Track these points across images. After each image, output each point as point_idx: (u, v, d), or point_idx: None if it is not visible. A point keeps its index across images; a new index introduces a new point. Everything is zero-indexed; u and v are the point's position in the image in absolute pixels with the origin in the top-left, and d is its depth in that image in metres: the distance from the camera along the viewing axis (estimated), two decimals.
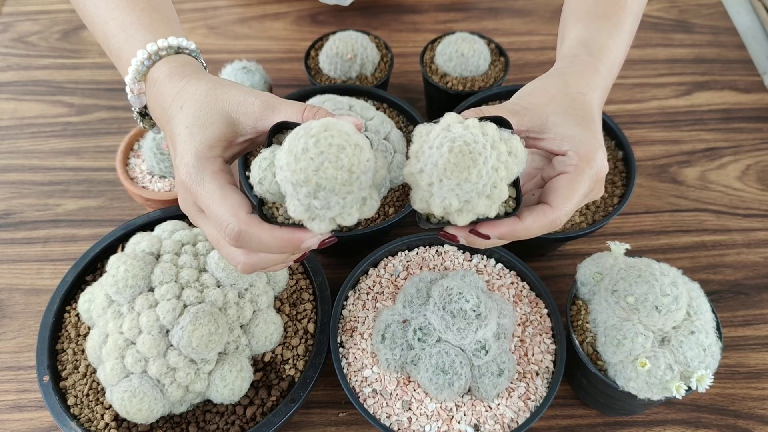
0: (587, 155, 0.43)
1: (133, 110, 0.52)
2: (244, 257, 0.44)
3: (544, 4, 1.03)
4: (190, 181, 0.43)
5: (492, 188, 0.39)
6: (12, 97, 0.90)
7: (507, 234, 0.42)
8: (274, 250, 0.42)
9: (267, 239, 0.41)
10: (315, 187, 0.37)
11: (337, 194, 0.38)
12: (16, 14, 1.01)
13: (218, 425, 0.54)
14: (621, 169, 0.71)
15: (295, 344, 0.58)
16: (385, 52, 0.84)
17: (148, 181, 0.71)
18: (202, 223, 0.45)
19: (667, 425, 0.62)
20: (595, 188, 0.45)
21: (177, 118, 0.45)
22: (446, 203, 0.38)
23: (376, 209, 0.44)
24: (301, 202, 0.39)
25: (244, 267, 0.44)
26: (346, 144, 0.37)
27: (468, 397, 0.55)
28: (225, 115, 0.44)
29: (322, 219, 0.39)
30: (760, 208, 0.79)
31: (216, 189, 0.42)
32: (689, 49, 0.97)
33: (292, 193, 0.39)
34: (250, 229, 0.41)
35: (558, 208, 0.43)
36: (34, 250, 0.75)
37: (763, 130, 0.87)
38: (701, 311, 0.55)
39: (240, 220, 0.41)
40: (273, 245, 0.42)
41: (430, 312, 0.54)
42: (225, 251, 0.44)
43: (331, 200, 0.38)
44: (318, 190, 0.37)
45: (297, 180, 0.38)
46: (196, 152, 0.43)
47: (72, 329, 0.58)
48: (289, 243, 0.41)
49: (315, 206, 0.38)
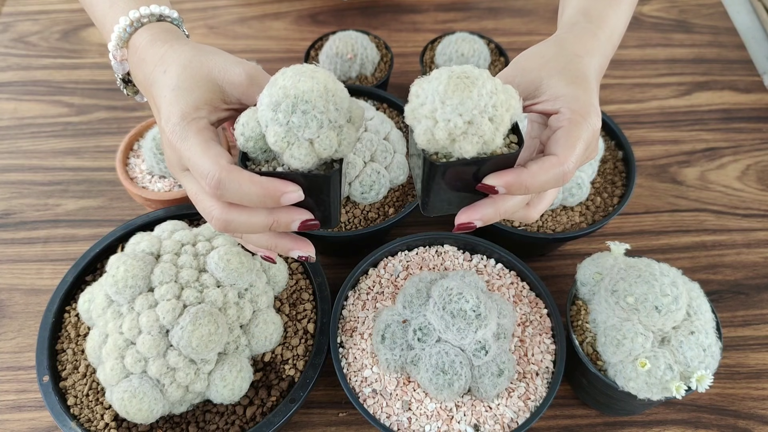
0: (581, 109, 0.43)
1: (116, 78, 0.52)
2: (219, 210, 0.43)
3: (544, 4, 1.03)
4: (175, 138, 0.43)
5: (493, 110, 0.40)
6: (12, 97, 0.90)
7: (514, 182, 0.42)
8: (253, 200, 0.42)
9: (246, 187, 0.41)
10: (293, 100, 0.40)
11: (314, 108, 0.40)
12: (16, 14, 1.01)
13: (218, 425, 0.54)
14: (621, 169, 0.71)
15: (295, 344, 0.58)
16: (385, 52, 0.84)
17: (148, 181, 0.71)
18: (185, 181, 0.45)
19: (667, 425, 0.62)
20: (591, 144, 0.45)
21: (161, 82, 0.45)
22: (451, 125, 0.39)
23: (354, 145, 0.45)
24: (280, 123, 0.40)
25: (218, 222, 0.44)
26: (319, 70, 0.41)
27: (468, 397, 0.55)
28: (210, 80, 0.45)
29: (300, 143, 0.41)
30: (760, 208, 0.79)
31: (199, 143, 0.43)
32: (689, 49, 0.97)
33: (272, 119, 0.40)
34: (230, 176, 0.41)
35: (562, 157, 0.43)
36: (34, 250, 0.75)
37: (763, 130, 0.87)
38: (701, 311, 0.55)
39: (221, 167, 0.41)
40: (253, 194, 0.41)
41: (430, 312, 0.54)
42: (202, 205, 0.44)
43: (309, 116, 0.40)
44: (296, 104, 0.40)
45: (276, 100, 0.40)
46: (181, 112, 0.44)
47: (72, 329, 0.58)
48: (269, 192, 0.41)
49: (293, 124, 0.40)
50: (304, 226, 0.44)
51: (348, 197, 0.67)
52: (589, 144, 0.44)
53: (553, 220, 0.67)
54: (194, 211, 0.65)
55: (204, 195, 0.44)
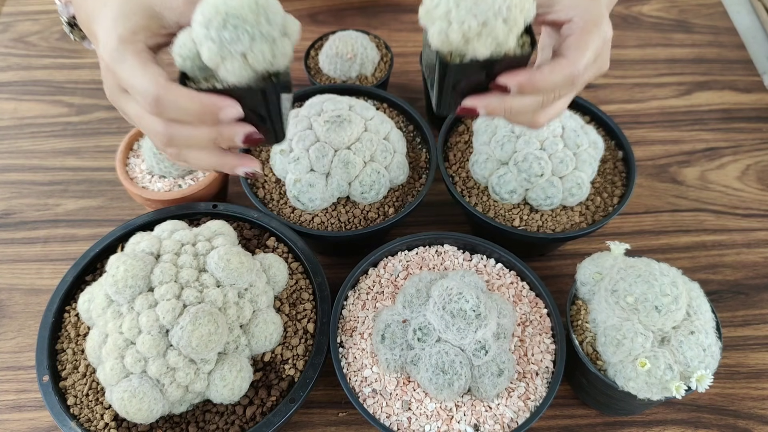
0: (592, 18, 0.46)
1: (63, 22, 0.52)
2: (162, 125, 0.44)
3: None
4: (113, 61, 0.44)
5: (507, 11, 0.40)
6: (12, 97, 0.90)
7: (526, 83, 0.44)
8: (192, 116, 0.43)
9: (184, 103, 0.42)
10: (224, 16, 0.40)
11: (245, 22, 0.40)
12: (16, 14, 1.01)
13: (218, 425, 0.54)
14: (621, 169, 0.71)
15: (295, 344, 0.58)
16: (385, 51, 0.84)
17: (148, 181, 0.71)
18: (126, 104, 0.46)
19: (667, 425, 0.62)
20: (602, 52, 0.47)
21: (101, 15, 0.46)
22: (465, 26, 0.40)
23: (289, 58, 0.44)
24: (213, 40, 0.41)
25: (162, 137, 0.45)
26: None
27: (468, 397, 0.55)
28: (148, 8, 0.46)
29: (234, 58, 0.41)
30: (760, 208, 0.79)
31: (137, 63, 0.43)
32: (689, 49, 0.97)
33: (204, 35, 0.41)
34: (168, 93, 0.42)
35: (573, 60, 0.45)
36: (34, 250, 0.75)
37: (763, 130, 0.87)
38: (701, 311, 0.55)
39: (158, 85, 0.42)
40: (191, 110, 0.42)
41: (430, 312, 0.54)
42: (145, 123, 0.45)
43: (240, 30, 0.40)
44: (227, 20, 0.40)
45: (209, 17, 0.40)
46: (119, 37, 0.44)
47: (72, 329, 0.58)
48: (206, 108, 0.42)
49: (225, 39, 0.40)
50: (248, 140, 0.45)
51: (348, 197, 0.67)
52: (600, 53, 0.47)
53: (553, 220, 0.67)
54: (194, 211, 0.65)
55: (146, 113, 0.45)
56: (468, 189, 0.70)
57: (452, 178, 0.71)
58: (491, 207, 0.68)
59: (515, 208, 0.68)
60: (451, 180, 0.70)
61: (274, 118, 0.46)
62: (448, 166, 0.72)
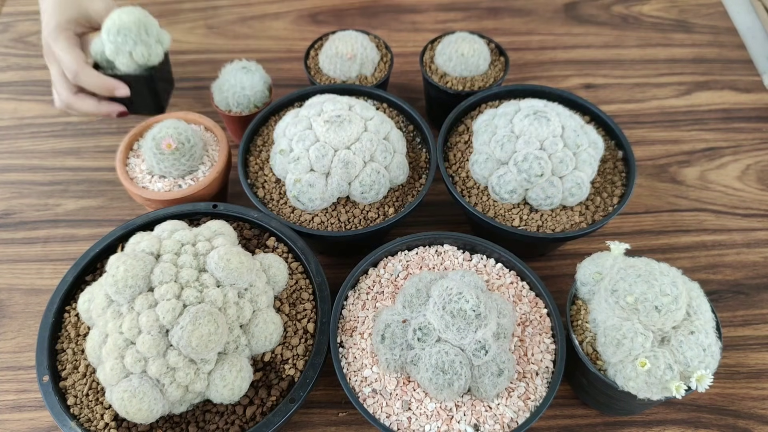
0: None
1: None
2: (66, 95, 0.72)
3: (544, 4, 1.03)
4: (51, 39, 0.71)
5: None
6: (12, 97, 0.90)
7: None
8: (97, 89, 0.71)
9: (93, 80, 0.71)
10: (119, 28, 0.69)
11: (131, 32, 0.69)
12: (16, 14, 1.01)
13: (218, 425, 0.54)
14: (621, 169, 0.71)
15: (295, 344, 0.58)
16: (385, 51, 0.84)
17: (148, 181, 0.71)
18: (50, 65, 0.72)
19: (667, 425, 0.62)
20: None
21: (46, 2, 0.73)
22: None
23: (160, 57, 0.73)
24: (112, 42, 0.70)
25: (62, 103, 0.73)
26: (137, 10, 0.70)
27: (468, 397, 0.55)
28: (81, 7, 0.72)
29: (124, 54, 0.70)
30: (760, 208, 0.79)
31: (67, 46, 0.70)
32: (689, 49, 0.97)
33: (107, 39, 0.70)
34: (84, 71, 0.70)
35: None
36: (34, 250, 0.75)
37: (763, 130, 0.87)
38: (701, 311, 0.55)
39: (79, 65, 0.70)
40: (97, 85, 0.71)
41: (430, 312, 0.54)
42: (58, 87, 0.72)
43: (128, 37, 0.69)
44: (120, 30, 0.69)
45: (109, 27, 0.69)
46: (56, 23, 0.71)
47: (72, 329, 0.58)
48: (107, 85, 0.71)
49: (119, 42, 0.69)
50: (120, 114, 0.75)
51: (348, 197, 0.67)
52: None
53: (553, 220, 0.67)
54: (194, 211, 0.65)
55: (61, 80, 0.72)
56: (468, 189, 0.70)
57: (452, 178, 0.71)
58: (491, 207, 0.68)
59: (515, 208, 0.68)
60: (451, 180, 0.70)
61: (153, 97, 0.75)
62: (448, 166, 0.72)
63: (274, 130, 0.73)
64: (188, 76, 0.92)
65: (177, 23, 0.99)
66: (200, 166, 0.72)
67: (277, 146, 0.68)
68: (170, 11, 1.01)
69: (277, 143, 0.68)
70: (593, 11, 1.02)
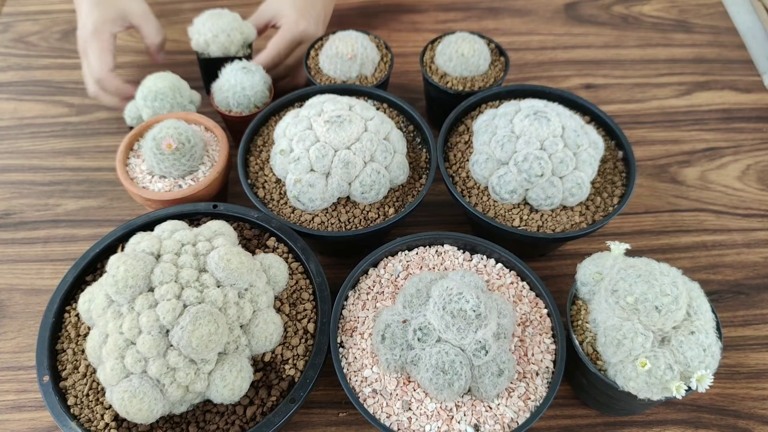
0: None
1: None
2: (93, 89, 0.80)
3: (544, 4, 1.03)
4: (86, 39, 0.78)
5: None
6: (12, 97, 0.90)
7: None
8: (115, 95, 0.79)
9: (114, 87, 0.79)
10: (155, 93, 0.75)
11: (167, 96, 0.75)
12: (16, 14, 1.01)
13: (218, 425, 0.54)
14: (621, 169, 0.71)
15: (295, 344, 0.58)
16: (385, 52, 0.84)
17: (148, 181, 0.71)
18: (84, 63, 0.80)
19: (667, 425, 0.62)
20: None
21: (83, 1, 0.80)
22: None
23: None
24: (149, 107, 0.75)
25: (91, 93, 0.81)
26: (169, 75, 0.77)
27: (468, 397, 0.55)
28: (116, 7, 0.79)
29: None
30: (760, 208, 0.79)
31: (99, 49, 0.78)
32: (689, 49, 0.97)
33: (143, 105, 0.75)
34: (107, 78, 0.78)
35: None
36: (34, 250, 0.75)
37: (763, 130, 0.87)
38: (701, 311, 0.55)
39: (104, 71, 0.78)
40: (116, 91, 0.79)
41: (430, 312, 0.54)
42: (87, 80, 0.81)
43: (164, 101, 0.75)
44: (157, 95, 0.75)
45: (146, 94, 0.75)
46: (94, 24, 0.78)
47: (72, 329, 0.58)
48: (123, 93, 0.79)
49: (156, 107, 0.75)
50: None
51: (348, 197, 0.67)
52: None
53: (553, 220, 0.67)
54: (194, 211, 0.65)
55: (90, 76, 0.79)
56: (468, 189, 0.70)
57: (452, 178, 0.71)
58: (491, 207, 0.68)
59: (515, 208, 0.68)
60: (451, 180, 0.70)
61: None
62: (448, 166, 0.72)
63: (274, 130, 0.73)
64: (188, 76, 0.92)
65: (177, 23, 0.99)
66: (200, 166, 0.72)
67: (277, 146, 0.68)
68: (170, 11, 1.01)
69: (278, 143, 0.68)
70: (593, 11, 1.02)
